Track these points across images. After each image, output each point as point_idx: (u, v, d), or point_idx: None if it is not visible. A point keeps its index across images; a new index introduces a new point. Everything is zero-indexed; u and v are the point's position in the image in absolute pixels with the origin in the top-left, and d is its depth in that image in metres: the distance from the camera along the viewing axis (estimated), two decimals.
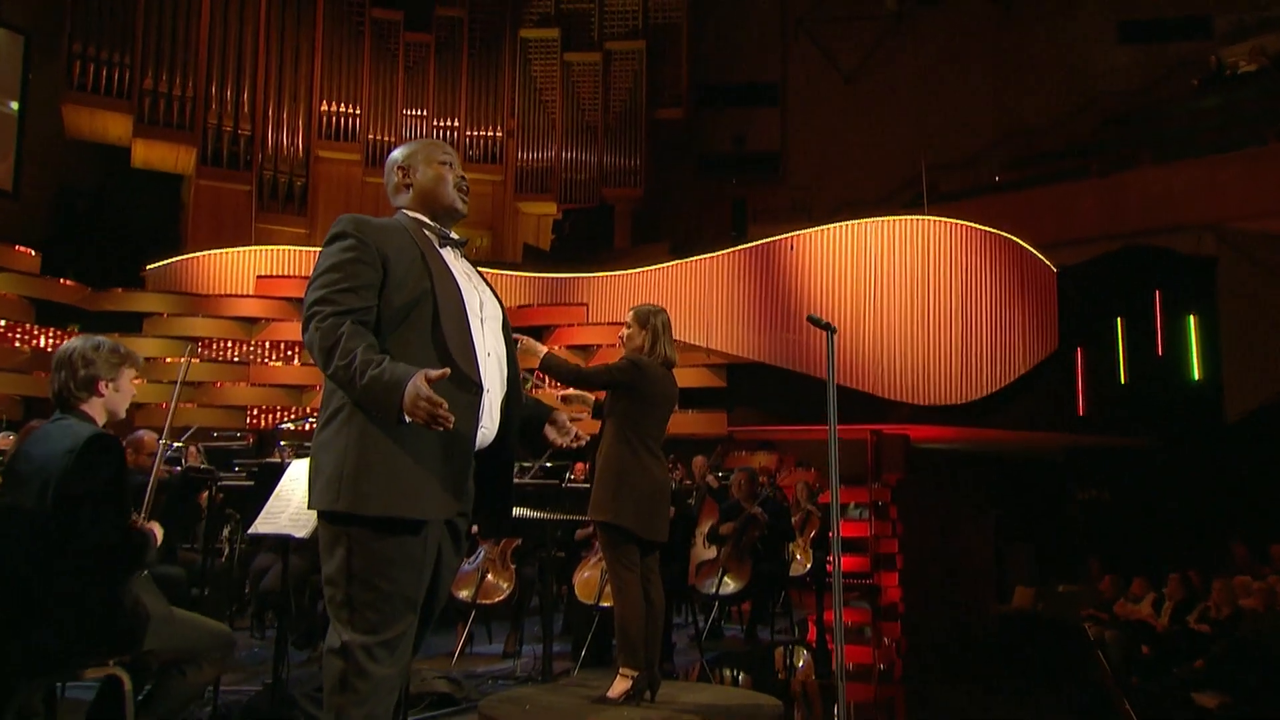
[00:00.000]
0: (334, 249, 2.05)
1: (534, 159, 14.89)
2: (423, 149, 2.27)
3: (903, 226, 9.89)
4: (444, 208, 2.23)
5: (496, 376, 2.16)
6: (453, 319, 2.06)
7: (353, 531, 1.95)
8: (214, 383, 10.60)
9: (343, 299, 1.98)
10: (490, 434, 2.14)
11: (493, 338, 2.18)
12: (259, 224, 13.64)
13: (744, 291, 10.28)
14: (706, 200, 15.64)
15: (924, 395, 9.54)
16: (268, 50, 13.90)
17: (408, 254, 2.08)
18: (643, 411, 3.64)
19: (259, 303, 11.19)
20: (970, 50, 15.33)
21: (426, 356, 2.02)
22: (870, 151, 15.00)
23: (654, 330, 3.75)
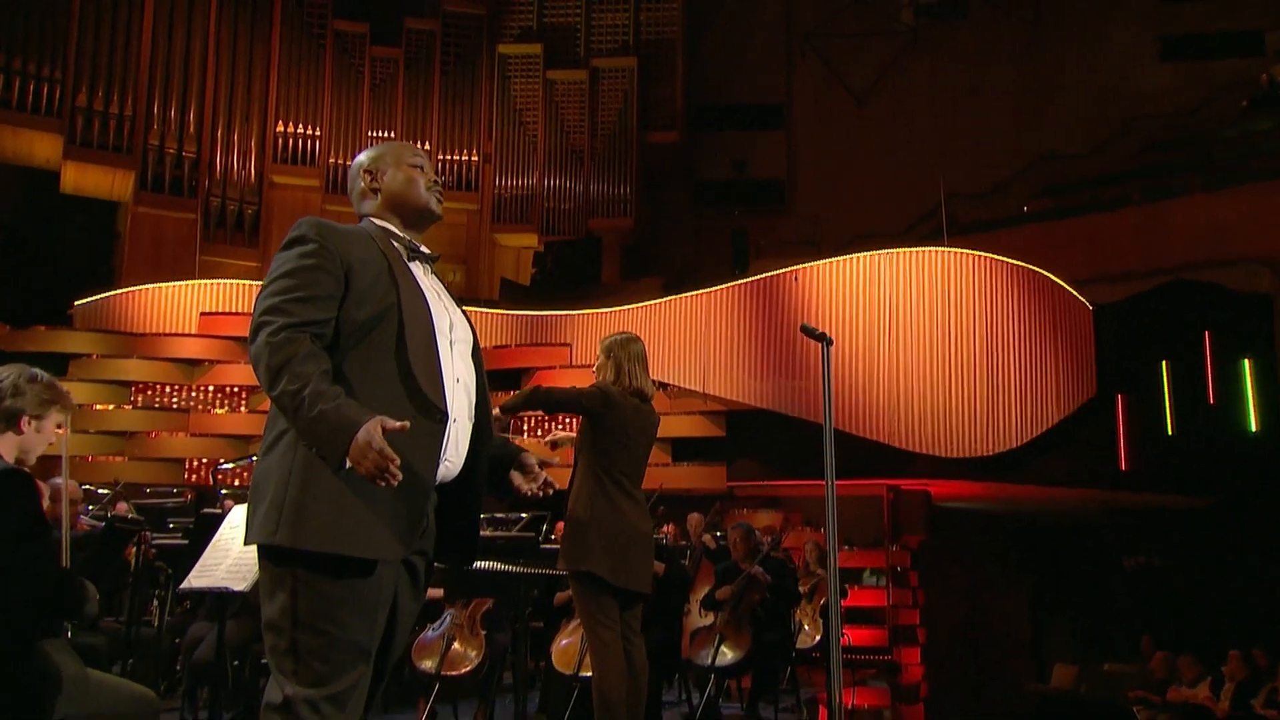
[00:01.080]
0: (292, 254, 2.07)
1: (513, 186, 15.10)
2: (391, 151, 2.31)
3: (921, 259, 10.04)
4: (416, 210, 2.27)
5: (464, 405, 2.17)
6: (419, 339, 2.08)
7: (298, 572, 1.95)
8: (148, 432, 10.60)
9: (298, 310, 2.00)
10: (454, 468, 2.15)
11: (462, 363, 2.19)
12: (204, 256, 13.75)
13: (744, 331, 10.35)
14: (704, 232, 15.79)
15: (946, 447, 9.58)
16: (217, 64, 14.14)
17: (374, 264, 2.10)
18: (613, 446, 3.70)
19: (202, 343, 11.24)
20: (995, 68, 15.67)
21: (388, 379, 2.04)
22: (884, 179, 15.22)
23: (617, 360, 3.83)
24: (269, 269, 2.10)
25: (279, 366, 1.93)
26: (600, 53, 15.61)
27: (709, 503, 8.65)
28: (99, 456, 10.30)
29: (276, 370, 1.93)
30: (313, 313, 2.01)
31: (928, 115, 15.62)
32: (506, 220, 15.09)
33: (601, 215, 14.98)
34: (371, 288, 2.06)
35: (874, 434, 9.57)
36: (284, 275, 2.04)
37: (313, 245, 2.07)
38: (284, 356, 1.94)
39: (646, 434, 3.82)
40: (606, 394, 3.73)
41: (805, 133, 16.25)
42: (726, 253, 15.24)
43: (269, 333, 1.97)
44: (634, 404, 3.78)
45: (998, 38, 15.78)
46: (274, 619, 1.97)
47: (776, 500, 10.68)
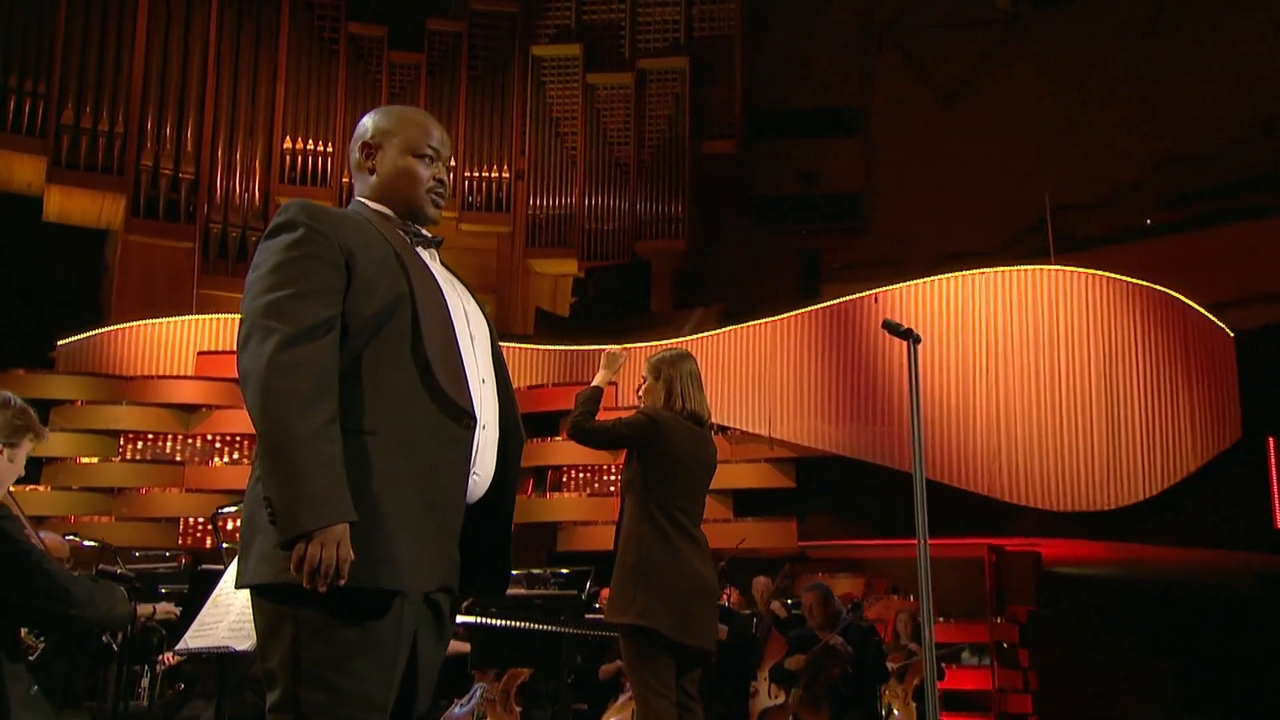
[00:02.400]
0: (280, 242, 2.04)
1: (549, 206, 15.30)
2: (400, 126, 2.28)
3: (1024, 280, 9.96)
4: (409, 210, 2.25)
5: (490, 409, 2.16)
6: (438, 332, 2.07)
7: (301, 613, 1.92)
8: (138, 488, 10.81)
9: (299, 310, 1.96)
10: (483, 482, 2.15)
11: (484, 360, 2.19)
12: (203, 289, 14.07)
13: (816, 365, 10.33)
14: (767, 254, 15.79)
15: (1059, 499, 9.43)
16: (218, 75, 14.57)
17: (376, 248, 2.09)
18: (667, 479, 3.70)
19: (200, 386, 11.48)
20: (1109, 59, 15.53)
21: (405, 381, 2.02)
22: (978, 189, 15.14)
23: (668, 380, 3.86)
24: (254, 259, 2.07)
25: (285, 391, 1.89)
26: (647, 53, 15.81)
27: (777, 565, 8.58)
28: (83, 516, 10.51)
29: (281, 395, 1.89)
30: (316, 311, 1.98)
31: (1029, 115, 15.51)
32: (542, 244, 15.26)
33: (650, 236, 15.09)
34: (378, 275, 2.05)
35: (971, 484, 9.45)
36: (274, 269, 2.00)
37: (302, 230, 2.03)
38: (291, 383, 1.90)
39: (705, 463, 3.82)
40: (655, 420, 3.74)
41: (885, 139, 16.24)
42: (794, 276, 15.24)
43: (276, 346, 1.91)
44: (688, 429, 3.79)
45: (1112, 23, 15.64)
46: (273, 671, 1.94)
47: (857, 563, 10.57)
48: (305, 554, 1.84)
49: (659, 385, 3.86)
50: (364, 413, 1.99)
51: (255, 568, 1.97)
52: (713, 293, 14.62)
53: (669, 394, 3.83)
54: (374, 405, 2.00)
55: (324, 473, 1.87)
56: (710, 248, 15.69)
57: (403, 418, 2.00)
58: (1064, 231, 12.79)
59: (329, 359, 1.97)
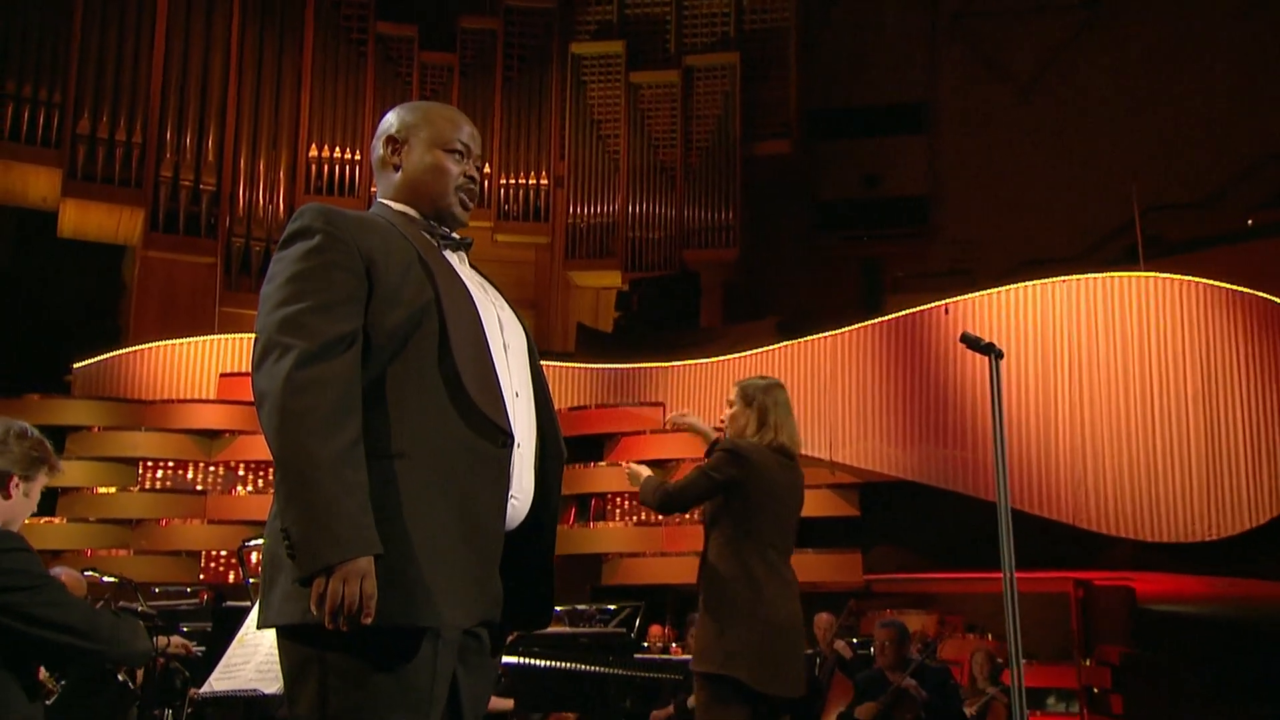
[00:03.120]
0: (296, 250, 2.03)
1: (591, 214, 15.35)
2: (428, 119, 2.28)
3: (1111, 287, 9.82)
4: (435, 209, 2.25)
5: (526, 425, 2.15)
6: (468, 342, 2.06)
7: (328, 657, 1.91)
8: (158, 520, 10.94)
9: (318, 324, 1.95)
10: (522, 506, 2.14)
11: (519, 372, 2.18)
12: (225, 307, 14.26)
13: (881, 382, 10.27)
14: (826, 262, 15.74)
15: (1153, 529, 9.27)
16: (240, 81, 14.79)
17: (400, 254, 2.08)
18: (756, 512, 3.72)
19: (222, 410, 11.63)
20: (1204, 46, 15.30)
21: (434, 398, 2.01)
22: (1057, 190, 14.99)
23: (761, 408, 3.90)
24: (269, 270, 2.06)
25: (302, 413, 1.87)
26: (695, 48, 15.85)
27: (840, 600, 8.51)
28: (100, 549, 10.67)
29: (298, 417, 1.87)
30: (337, 324, 1.96)
31: (1113, 107, 15.32)
32: (583, 255, 15.30)
33: (699, 245, 15.09)
34: (402, 283, 2.04)
35: (1054, 513, 9.32)
36: (291, 279, 1.99)
37: (320, 237, 2.02)
38: (310, 403, 1.88)
39: (796, 494, 3.88)
40: (738, 451, 3.77)
41: (954, 137, 16.14)
42: (855, 287, 15.18)
43: (293, 364, 1.90)
44: (776, 460, 3.84)
45: (1207, 6, 15.41)
46: (302, 716, 1.94)
47: (927, 598, 10.48)
48: (326, 591, 1.83)
49: (750, 412, 3.91)
50: (390, 434, 1.98)
51: (279, 607, 1.96)
52: (767, 305, 14.59)
53: (761, 423, 3.88)
54: (401, 425, 1.99)
55: (347, 501, 1.85)
56: (764, 257, 15.65)
57: (433, 438, 1.99)
58: (1155, 234, 12.62)
59: (351, 376, 1.95)
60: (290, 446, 1.88)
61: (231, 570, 10.70)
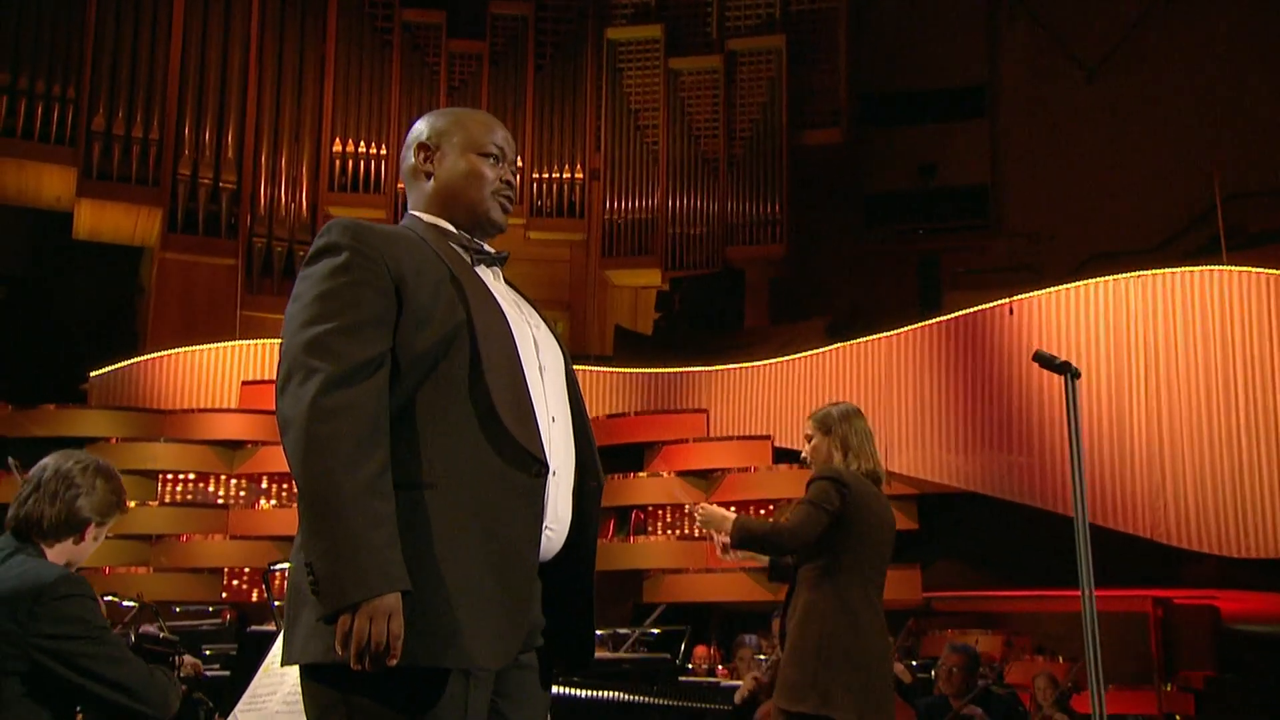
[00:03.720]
0: (322, 268, 2.04)
1: (629, 209, 15.37)
2: (460, 124, 2.31)
3: (1190, 283, 9.70)
4: (472, 217, 2.27)
5: (563, 452, 2.16)
6: (502, 366, 2.07)
7: (354, 699, 1.93)
8: (178, 535, 11.05)
9: (345, 346, 1.96)
10: (558, 537, 2.15)
11: (555, 395, 2.20)
12: (246, 310, 14.40)
13: (940, 386, 10.21)
14: (879, 258, 15.66)
15: (1238, 544, 9.15)
16: (260, 73, 14.93)
17: (431, 272, 2.09)
18: (854, 541, 3.79)
19: (245, 420, 11.73)
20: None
21: (465, 425, 2.02)
22: (1130, 178, 14.82)
23: (844, 437, 3.96)
24: (294, 289, 2.08)
25: (327, 441, 1.89)
26: (738, 32, 15.82)
27: (899, 620, 8.44)
28: (118, 567, 10.79)
29: (322, 444, 1.89)
30: (365, 348, 1.98)
31: (1191, 89, 15.10)
32: (621, 252, 15.32)
33: (743, 242, 15.06)
34: (433, 303, 2.05)
35: (1130, 526, 9.23)
36: (317, 299, 2.01)
37: (347, 254, 2.04)
38: (336, 430, 1.90)
39: (889, 523, 3.94)
40: (842, 481, 3.83)
41: (1017, 122, 16.01)
42: (911, 284, 15.05)
43: (319, 388, 1.91)
44: (871, 490, 3.90)
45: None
46: None
47: (992, 617, 10.40)
48: (351, 630, 1.84)
49: (833, 441, 3.97)
50: (419, 463, 1.99)
51: (302, 644, 1.97)
52: (816, 305, 14.55)
53: (845, 450, 3.94)
54: (430, 454, 2.00)
55: (374, 534, 1.86)
56: (813, 253, 15.61)
57: (463, 467, 2.00)
58: (1236, 225, 12.45)
59: (379, 402, 1.97)
60: (315, 475, 1.89)
61: (255, 588, 10.79)
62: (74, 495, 2.86)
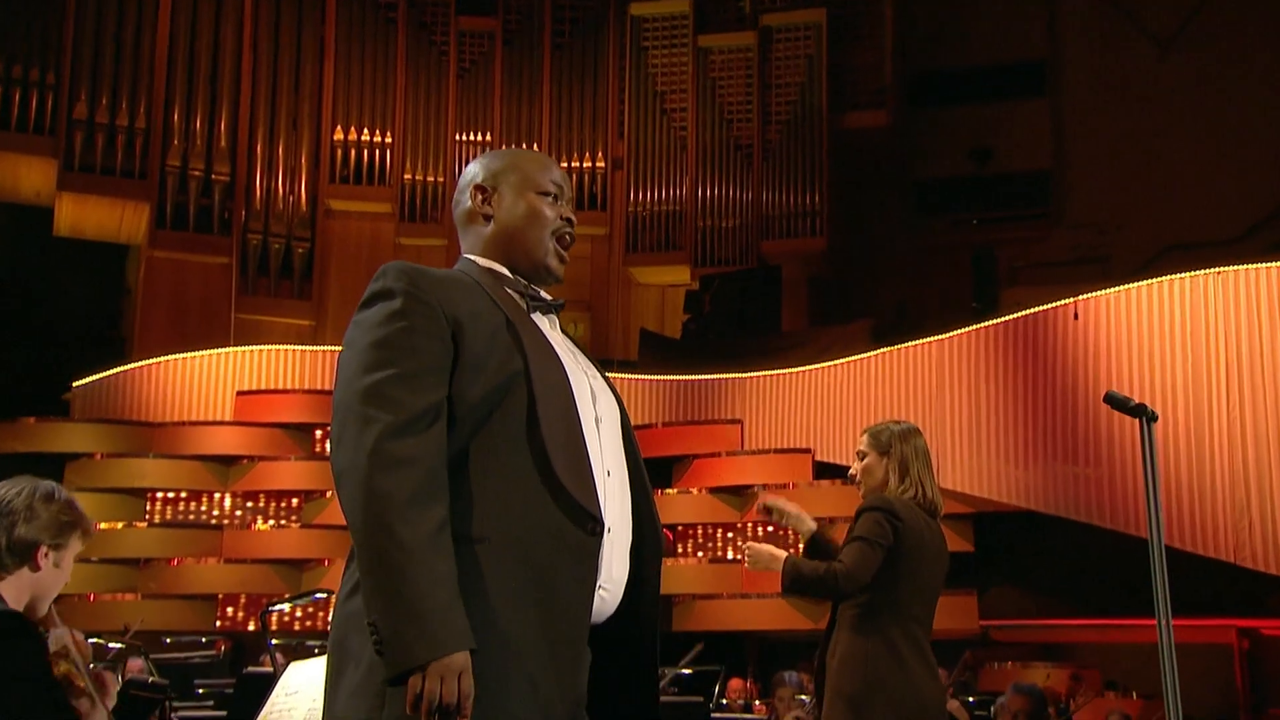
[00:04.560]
0: (376, 314, 2.13)
1: (655, 200, 15.36)
2: (518, 164, 2.42)
3: (1276, 278, 9.56)
4: (530, 262, 2.36)
5: (620, 507, 2.22)
6: (558, 418, 2.14)
7: None
8: (169, 559, 11.08)
9: (404, 395, 2.04)
10: (613, 598, 2.20)
11: (612, 448, 2.26)
12: (241, 313, 14.45)
13: (997, 395, 10.16)
14: (930, 253, 15.61)
15: None
16: (255, 57, 14.97)
17: (487, 319, 2.18)
18: (902, 580, 3.79)
19: (239, 433, 11.76)
20: None
21: (520, 479, 2.09)
22: (1208, 163, 14.71)
23: (902, 459, 3.94)
24: (346, 335, 2.15)
25: (388, 493, 1.96)
26: (774, 6, 15.79)
27: (953, 652, 8.40)
28: (103, 594, 10.83)
29: (384, 497, 1.96)
30: (424, 396, 2.06)
31: (1276, 62, 14.97)
32: (646, 248, 15.32)
33: (780, 235, 15.02)
34: (489, 351, 2.13)
35: (1210, 550, 9.13)
36: (373, 346, 2.09)
37: (403, 300, 2.12)
38: (398, 482, 1.97)
39: (942, 561, 3.93)
40: (894, 512, 3.82)
41: (1081, 102, 15.93)
42: (965, 281, 14.96)
43: (379, 437, 1.99)
44: (924, 520, 3.88)
45: None
46: None
47: (1058, 648, 10.32)
48: (422, 691, 1.91)
49: (890, 463, 3.95)
50: (472, 516, 2.07)
51: (346, 703, 2.04)
52: (860, 305, 14.54)
53: (902, 474, 3.92)
54: (483, 507, 2.07)
55: (439, 592, 1.93)
56: (856, 247, 15.57)
57: (516, 522, 2.07)
58: None
59: (439, 453, 2.05)
60: (376, 531, 1.97)
61: (251, 617, 10.80)
62: (10, 523, 2.84)
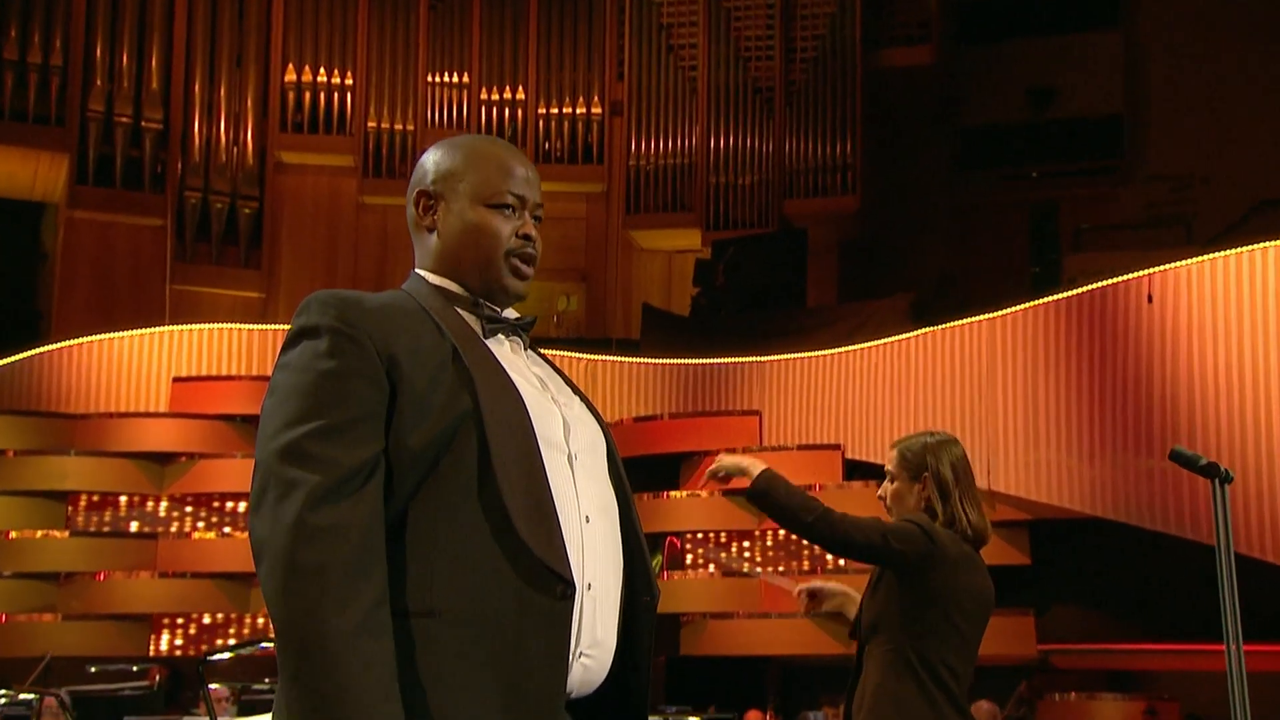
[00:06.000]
0: (299, 355, 2.11)
1: (660, 152, 15.32)
2: (474, 165, 2.35)
3: None
4: (485, 284, 2.32)
5: (604, 559, 2.21)
6: (516, 462, 2.12)
7: None
8: (93, 574, 11.06)
9: (332, 452, 2.02)
10: (598, 665, 2.18)
11: (592, 490, 2.23)
12: (178, 284, 14.44)
13: (1058, 383, 10.14)
14: (980, 213, 15.61)
15: None
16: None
17: (431, 353, 2.15)
18: (940, 624, 3.77)
19: (177, 427, 11.73)
20: None
21: (472, 538, 2.06)
22: None
23: (940, 477, 3.90)
24: (271, 380, 2.12)
25: (313, 571, 1.95)
26: None
27: (1007, 681, 8.43)
28: (16, 614, 10.82)
29: (307, 576, 1.95)
30: (356, 452, 2.03)
31: None
32: (650, 208, 15.30)
33: (805, 193, 15.02)
34: (431, 390, 2.09)
35: None
36: (295, 393, 2.07)
37: (329, 338, 2.10)
38: (324, 557, 1.95)
39: (984, 604, 3.88)
40: (932, 537, 3.79)
41: (1158, 34, 15.90)
42: (1021, 246, 15.00)
43: (303, 506, 1.97)
44: (966, 555, 3.85)
45: None
46: None
47: (1128, 677, 10.33)
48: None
49: (927, 485, 3.92)
50: (419, 587, 2.05)
51: None
52: (899, 275, 14.46)
53: (944, 498, 3.87)
54: (430, 575, 2.05)
55: (367, 678, 1.92)
56: (894, 207, 15.51)
57: (470, 590, 2.04)
58: None
59: (373, 517, 2.02)
60: (298, 616, 1.94)
61: (192, 643, 10.82)
62: None
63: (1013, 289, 11.60)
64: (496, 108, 15.40)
